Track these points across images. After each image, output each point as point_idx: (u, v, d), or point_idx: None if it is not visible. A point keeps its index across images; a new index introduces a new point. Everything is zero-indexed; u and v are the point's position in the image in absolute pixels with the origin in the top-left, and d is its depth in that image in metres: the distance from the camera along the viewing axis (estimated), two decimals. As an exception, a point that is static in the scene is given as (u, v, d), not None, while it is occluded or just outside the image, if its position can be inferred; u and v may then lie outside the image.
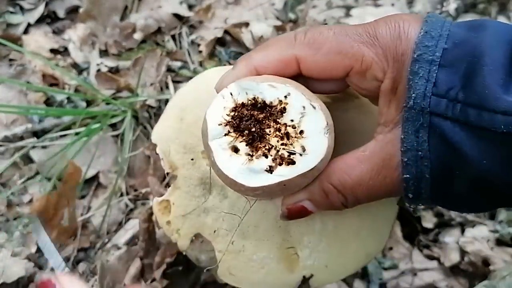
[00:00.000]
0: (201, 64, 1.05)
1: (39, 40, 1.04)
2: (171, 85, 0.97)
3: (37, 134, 0.94)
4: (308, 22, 1.08)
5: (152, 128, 0.92)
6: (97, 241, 0.82)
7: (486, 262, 0.78)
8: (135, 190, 0.88)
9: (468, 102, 0.29)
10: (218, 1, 1.12)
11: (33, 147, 0.89)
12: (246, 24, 1.06)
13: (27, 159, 0.90)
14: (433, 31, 0.32)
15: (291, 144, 0.32)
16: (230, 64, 1.04)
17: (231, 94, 0.33)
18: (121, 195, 0.87)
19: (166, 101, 0.95)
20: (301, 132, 0.32)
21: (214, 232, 0.42)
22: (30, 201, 0.86)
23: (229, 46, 1.07)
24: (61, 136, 0.91)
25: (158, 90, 0.95)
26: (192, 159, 0.43)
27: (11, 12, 1.09)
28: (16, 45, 0.96)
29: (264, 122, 0.33)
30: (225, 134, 0.33)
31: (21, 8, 1.10)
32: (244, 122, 0.33)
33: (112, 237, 0.83)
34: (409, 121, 0.32)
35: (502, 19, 1.03)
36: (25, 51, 1.00)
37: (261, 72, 0.35)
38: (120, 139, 0.91)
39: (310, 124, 0.32)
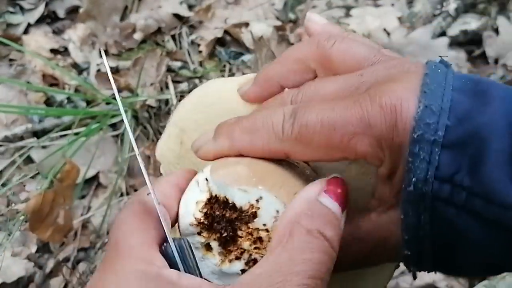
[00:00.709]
0: (201, 64, 1.05)
1: (39, 40, 1.05)
2: (171, 85, 0.97)
3: (37, 134, 0.94)
4: (308, 22, 1.08)
5: (152, 128, 0.92)
6: (97, 241, 0.82)
7: (486, 262, 0.78)
8: (135, 190, 0.88)
9: (475, 192, 0.27)
10: (218, 1, 1.12)
11: (33, 147, 0.90)
12: (246, 24, 1.06)
13: (27, 159, 0.90)
14: (434, 104, 0.28)
15: (264, 248, 0.30)
16: (230, 64, 1.04)
17: (206, 180, 0.31)
18: (121, 195, 0.87)
19: (166, 101, 0.95)
20: None
21: None
22: (28, 199, 0.86)
23: (229, 46, 1.07)
24: (61, 136, 0.91)
25: (158, 90, 0.96)
26: None
27: (11, 12, 1.09)
28: (16, 45, 0.96)
29: (236, 223, 0.31)
30: (198, 233, 0.31)
31: (21, 8, 1.10)
32: (215, 224, 0.31)
33: (112, 237, 0.83)
34: (409, 203, 0.29)
35: (502, 19, 1.03)
36: (25, 51, 1.00)
37: (245, 154, 0.33)
38: (120, 139, 0.91)
39: None
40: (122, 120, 0.91)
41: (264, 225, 0.30)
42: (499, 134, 0.27)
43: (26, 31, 1.07)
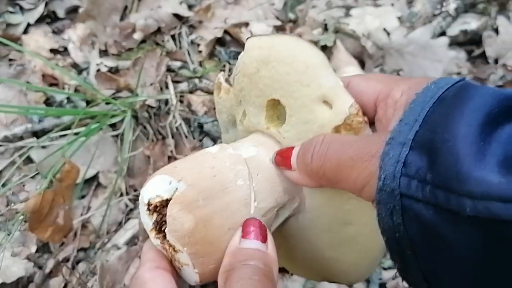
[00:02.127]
0: (200, 64, 1.05)
1: (39, 40, 1.04)
2: (170, 85, 0.97)
3: (37, 134, 0.94)
4: (307, 22, 1.08)
5: (152, 128, 0.92)
6: (97, 241, 0.82)
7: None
8: (135, 190, 0.88)
9: (436, 183, 0.28)
10: (217, 1, 1.12)
11: (33, 147, 0.89)
12: (246, 24, 1.06)
13: (27, 159, 0.90)
14: (410, 117, 0.32)
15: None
16: (229, 64, 1.04)
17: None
18: (121, 195, 0.87)
19: (166, 101, 0.95)
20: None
21: None
22: (28, 199, 0.86)
23: (229, 46, 1.07)
24: (61, 136, 0.91)
25: (157, 90, 0.95)
26: None
27: (11, 12, 1.09)
28: (16, 45, 0.96)
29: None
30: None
31: (21, 8, 1.10)
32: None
33: (112, 237, 0.83)
34: (382, 204, 0.31)
35: (502, 19, 1.03)
36: (25, 51, 1.00)
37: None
38: (120, 139, 0.91)
39: None
40: (122, 120, 0.91)
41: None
42: (457, 124, 0.29)
43: (25, 31, 1.07)
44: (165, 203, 0.36)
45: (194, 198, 0.36)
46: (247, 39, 0.44)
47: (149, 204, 0.38)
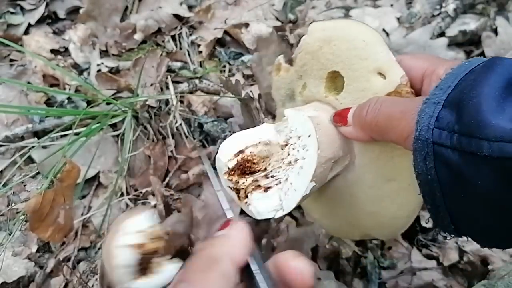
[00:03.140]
0: (201, 64, 1.05)
1: (40, 41, 1.05)
2: (171, 85, 0.97)
3: (38, 134, 0.94)
4: (307, 22, 1.08)
5: (152, 128, 0.92)
6: (97, 241, 0.83)
7: (484, 261, 0.78)
8: (135, 190, 0.88)
9: (461, 132, 0.35)
10: (218, 2, 1.13)
11: (34, 147, 0.90)
12: (246, 25, 1.06)
13: (28, 159, 0.90)
14: (445, 84, 0.39)
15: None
16: (229, 64, 1.04)
17: None
18: (122, 194, 0.87)
19: (166, 101, 0.95)
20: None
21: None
22: (29, 199, 0.86)
23: (229, 47, 1.08)
24: (62, 136, 0.91)
25: (158, 90, 0.96)
26: None
27: (12, 13, 1.09)
28: (17, 45, 0.96)
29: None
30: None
31: (22, 9, 1.10)
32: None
33: (112, 236, 0.83)
34: (417, 151, 0.38)
35: (501, 19, 1.03)
36: (26, 51, 1.00)
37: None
38: (121, 139, 0.92)
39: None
40: (123, 120, 0.92)
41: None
42: (482, 85, 0.35)
43: (26, 32, 1.07)
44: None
45: None
46: (309, 24, 0.54)
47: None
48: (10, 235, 0.82)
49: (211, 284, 0.34)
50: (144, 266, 0.48)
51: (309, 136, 0.47)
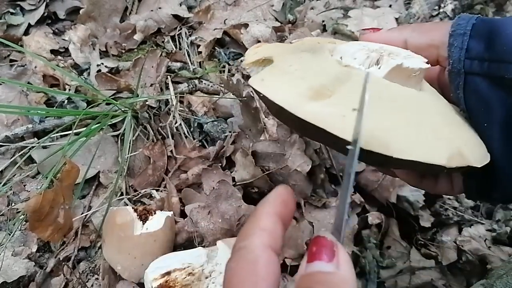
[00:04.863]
0: (200, 64, 1.06)
1: (40, 41, 1.05)
2: (171, 85, 0.97)
3: (38, 134, 0.95)
4: (306, 23, 1.09)
5: (152, 128, 0.92)
6: (97, 241, 0.83)
7: (483, 260, 0.78)
8: (135, 190, 0.88)
9: (492, 59, 0.38)
10: (217, 2, 1.13)
11: (34, 147, 0.90)
12: (245, 25, 1.06)
13: (28, 159, 0.91)
14: (466, 16, 0.42)
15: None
16: (229, 64, 1.05)
17: None
18: (121, 194, 0.87)
19: (166, 101, 0.96)
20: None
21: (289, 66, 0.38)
22: (28, 199, 0.86)
23: (228, 47, 1.08)
24: (62, 136, 0.92)
25: (158, 91, 0.96)
26: None
27: (12, 13, 1.09)
28: (16, 45, 0.96)
29: None
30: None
31: (22, 9, 1.10)
32: None
33: (112, 236, 0.84)
34: (452, 82, 0.41)
35: (499, 20, 1.04)
36: (26, 51, 1.00)
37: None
38: (120, 139, 0.92)
39: None
40: (122, 120, 0.92)
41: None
42: (508, 23, 0.38)
43: (26, 32, 1.08)
44: None
45: None
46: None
47: None
48: (10, 235, 0.82)
49: None
50: None
51: None
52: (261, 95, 0.35)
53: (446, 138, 0.36)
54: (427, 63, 0.41)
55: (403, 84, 0.38)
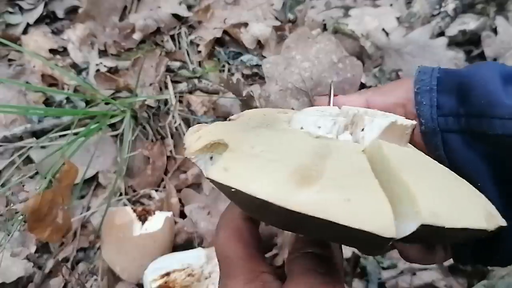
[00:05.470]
0: (200, 64, 1.05)
1: (38, 40, 1.05)
2: (170, 85, 0.97)
3: (37, 134, 0.94)
4: (306, 22, 1.08)
5: (151, 128, 0.92)
6: (96, 241, 0.82)
7: (484, 261, 0.78)
8: (134, 191, 0.88)
9: (470, 113, 0.35)
10: (217, 2, 1.12)
11: (32, 147, 0.90)
12: (245, 24, 1.06)
13: (27, 159, 0.90)
14: (426, 69, 0.38)
15: None
16: (229, 64, 1.04)
17: None
18: (120, 195, 0.87)
19: (165, 101, 0.95)
20: None
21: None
22: (27, 199, 0.86)
23: (228, 46, 1.08)
24: (61, 136, 0.91)
25: (157, 90, 0.96)
26: None
27: (10, 12, 1.09)
28: (15, 45, 0.96)
29: None
30: None
31: (20, 8, 1.10)
32: None
33: (111, 237, 0.83)
34: (427, 143, 0.37)
35: (500, 19, 1.03)
36: (25, 51, 1.00)
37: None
38: (119, 139, 0.91)
39: None
40: (121, 120, 0.91)
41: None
42: (479, 74, 0.36)
43: (25, 31, 1.07)
44: None
45: None
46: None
47: None
48: (8, 235, 0.82)
49: None
50: None
51: None
52: (233, 189, 0.26)
53: (473, 199, 0.32)
54: None
55: (399, 144, 0.34)
